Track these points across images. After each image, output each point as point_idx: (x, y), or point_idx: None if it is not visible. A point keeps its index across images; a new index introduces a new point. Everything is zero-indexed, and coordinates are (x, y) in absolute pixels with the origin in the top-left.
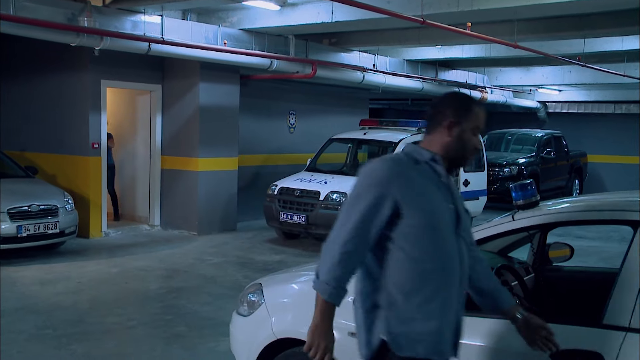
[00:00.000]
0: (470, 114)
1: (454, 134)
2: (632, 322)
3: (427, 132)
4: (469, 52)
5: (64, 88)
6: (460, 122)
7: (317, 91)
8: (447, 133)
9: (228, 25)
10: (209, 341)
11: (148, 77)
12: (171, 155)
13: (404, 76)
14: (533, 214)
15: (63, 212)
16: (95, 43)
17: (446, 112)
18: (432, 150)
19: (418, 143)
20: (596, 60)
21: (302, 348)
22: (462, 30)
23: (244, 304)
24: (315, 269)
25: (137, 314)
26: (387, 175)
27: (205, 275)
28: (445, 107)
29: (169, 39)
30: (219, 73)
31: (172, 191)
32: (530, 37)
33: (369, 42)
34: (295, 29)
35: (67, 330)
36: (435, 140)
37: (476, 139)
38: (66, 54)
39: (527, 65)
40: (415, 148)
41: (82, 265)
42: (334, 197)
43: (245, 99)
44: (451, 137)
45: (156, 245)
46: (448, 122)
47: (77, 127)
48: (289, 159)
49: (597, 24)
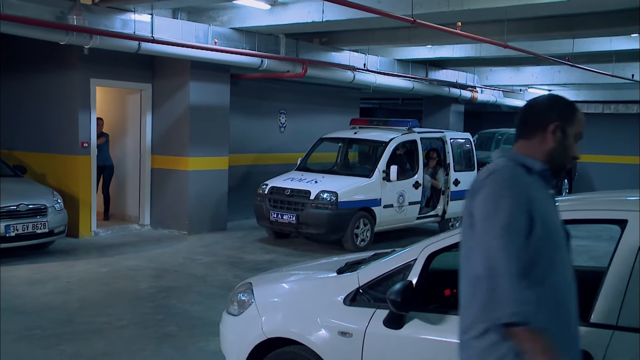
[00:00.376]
0: (574, 118)
1: (559, 139)
2: (620, 320)
3: (523, 137)
4: (459, 51)
5: (53, 87)
6: (565, 126)
7: (308, 90)
8: (551, 138)
9: (218, 24)
10: (199, 341)
11: (138, 76)
12: (161, 155)
13: (395, 76)
14: None
15: (52, 212)
16: (84, 42)
17: (550, 115)
18: (536, 158)
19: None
20: (585, 60)
21: (291, 347)
22: (452, 30)
23: (234, 303)
24: (494, 320)
25: (127, 313)
26: (522, 190)
27: (196, 275)
28: (549, 110)
29: (159, 38)
30: (210, 72)
31: (163, 190)
32: (520, 37)
33: (360, 41)
34: (285, 28)
35: (56, 330)
36: (535, 146)
37: (576, 147)
38: (55, 53)
39: (517, 65)
40: (520, 156)
41: (71, 264)
42: (324, 197)
43: (236, 98)
44: (555, 143)
45: (146, 244)
46: (554, 125)
47: (67, 126)
48: (279, 159)
49: (586, 24)
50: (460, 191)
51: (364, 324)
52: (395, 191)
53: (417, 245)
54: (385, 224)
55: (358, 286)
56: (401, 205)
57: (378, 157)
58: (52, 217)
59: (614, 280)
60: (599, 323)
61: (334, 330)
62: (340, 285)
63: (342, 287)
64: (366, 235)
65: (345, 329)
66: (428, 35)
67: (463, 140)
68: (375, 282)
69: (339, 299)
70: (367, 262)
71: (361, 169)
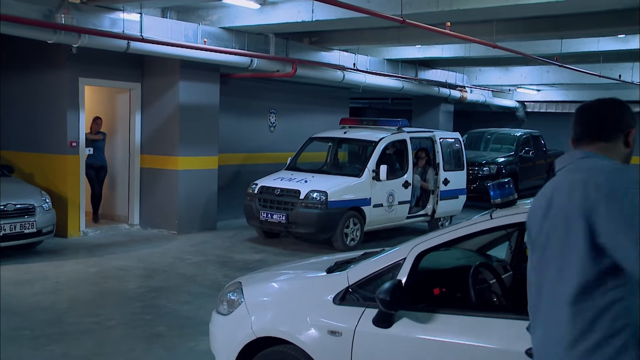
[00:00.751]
0: (636, 124)
1: (632, 144)
2: None
3: (602, 139)
4: (449, 51)
5: (42, 86)
6: (632, 132)
7: (298, 90)
8: (627, 143)
9: (208, 24)
10: (189, 340)
11: (127, 75)
12: (151, 154)
13: (384, 75)
14: (511, 212)
15: (40, 211)
16: (72, 40)
17: (629, 120)
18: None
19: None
20: (573, 60)
21: (280, 347)
22: (441, 30)
23: (223, 303)
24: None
25: (117, 313)
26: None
27: (185, 275)
28: (622, 114)
29: (148, 37)
30: (199, 71)
31: (152, 190)
32: (509, 37)
33: (349, 41)
34: (275, 27)
35: (45, 331)
36: (614, 150)
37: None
38: (43, 52)
39: (506, 65)
40: (609, 158)
41: (60, 265)
42: (314, 196)
43: (226, 97)
44: (629, 148)
45: (135, 244)
46: (628, 131)
47: (55, 125)
48: (269, 158)
49: (574, 24)
50: (449, 190)
51: (354, 323)
52: (385, 191)
53: (406, 245)
54: (375, 223)
55: (347, 285)
56: (391, 204)
57: (368, 157)
58: (40, 217)
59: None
60: None
61: (324, 329)
62: (330, 285)
63: (331, 287)
64: (356, 234)
65: (335, 328)
66: (417, 35)
67: (452, 139)
68: (365, 281)
69: (329, 298)
70: (356, 261)
71: (351, 168)
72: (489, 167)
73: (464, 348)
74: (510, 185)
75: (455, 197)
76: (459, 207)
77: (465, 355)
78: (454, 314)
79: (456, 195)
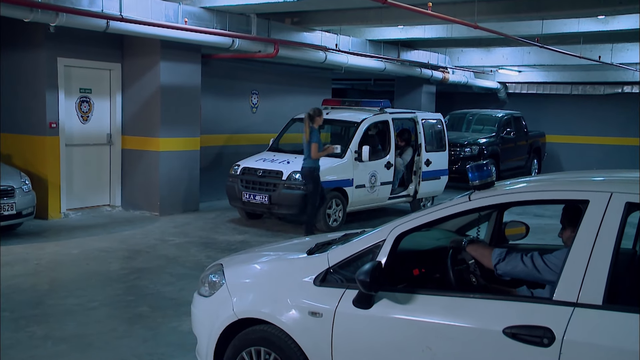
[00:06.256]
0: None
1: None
2: (580, 297)
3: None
4: (431, 32)
5: (20, 66)
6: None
7: (280, 71)
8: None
9: (189, 3)
10: (172, 321)
11: (107, 55)
12: (132, 135)
13: (367, 56)
14: (489, 194)
15: (20, 193)
16: (50, 19)
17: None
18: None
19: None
20: (554, 42)
21: (261, 326)
22: (423, 10)
23: (205, 284)
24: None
25: (99, 295)
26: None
27: (168, 256)
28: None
29: (127, 17)
30: (180, 52)
31: (133, 171)
32: (490, 17)
33: (332, 21)
34: (257, 7)
35: (25, 313)
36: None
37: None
38: (21, 31)
39: (488, 46)
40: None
41: (40, 246)
42: (296, 177)
43: (207, 78)
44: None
45: (117, 226)
46: None
47: (34, 106)
48: (251, 139)
49: (555, 5)
50: (431, 171)
51: (334, 304)
52: (367, 171)
53: (386, 226)
54: (358, 204)
55: (328, 267)
56: (373, 185)
57: (350, 138)
58: (19, 199)
59: (576, 259)
60: (561, 300)
61: (304, 310)
62: (311, 266)
63: (312, 268)
64: (338, 215)
65: (316, 309)
66: (399, 15)
67: (435, 120)
68: (345, 263)
69: (309, 280)
70: (337, 242)
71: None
72: (471, 148)
73: (443, 328)
74: (489, 168)
75: (437, 178)
76: (440, 188)
77: (444, 335)
78: (433, 294)
79: (438, 176)
